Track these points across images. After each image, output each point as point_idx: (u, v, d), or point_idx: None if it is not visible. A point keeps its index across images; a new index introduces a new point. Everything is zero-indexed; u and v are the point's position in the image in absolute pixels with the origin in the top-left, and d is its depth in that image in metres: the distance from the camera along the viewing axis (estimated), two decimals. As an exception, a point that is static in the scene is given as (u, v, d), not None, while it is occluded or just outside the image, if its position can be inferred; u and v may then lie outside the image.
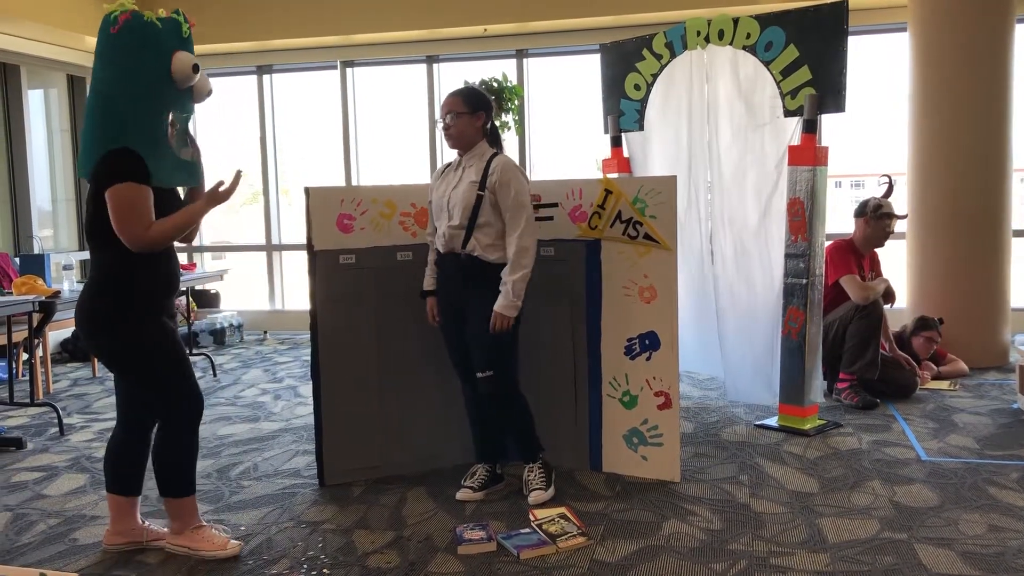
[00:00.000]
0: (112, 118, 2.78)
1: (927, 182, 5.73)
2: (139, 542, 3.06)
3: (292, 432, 4.60)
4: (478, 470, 3.56)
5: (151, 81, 2.79)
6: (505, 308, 3.26)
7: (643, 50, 4.77)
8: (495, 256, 3.33)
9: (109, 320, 2.83)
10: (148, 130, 2.79)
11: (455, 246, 3.35)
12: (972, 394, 5.01)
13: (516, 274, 3.26)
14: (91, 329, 2.88)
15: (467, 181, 3.34)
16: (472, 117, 3.38)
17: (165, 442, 2.97)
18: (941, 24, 5.61)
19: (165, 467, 2.98)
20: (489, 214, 3.31)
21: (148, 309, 2.86)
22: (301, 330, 7.25)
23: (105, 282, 2.84)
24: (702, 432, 4.35)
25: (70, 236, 7.82)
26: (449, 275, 3.43)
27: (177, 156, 2.89)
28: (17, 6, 6.16)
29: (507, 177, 3.30)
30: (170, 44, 2.82)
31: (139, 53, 2.78)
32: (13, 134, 7.10)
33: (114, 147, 2.75)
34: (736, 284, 4.65)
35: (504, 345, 3.36)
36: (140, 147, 2.76)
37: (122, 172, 2.72)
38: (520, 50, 7.44)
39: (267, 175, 8.07)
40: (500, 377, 3.38)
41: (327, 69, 7.91)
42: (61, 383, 6.09)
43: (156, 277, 2.88)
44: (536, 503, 3.37)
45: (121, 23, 2.76)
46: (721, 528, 3.14)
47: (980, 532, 3.04)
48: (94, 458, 4.22)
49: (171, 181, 2.89)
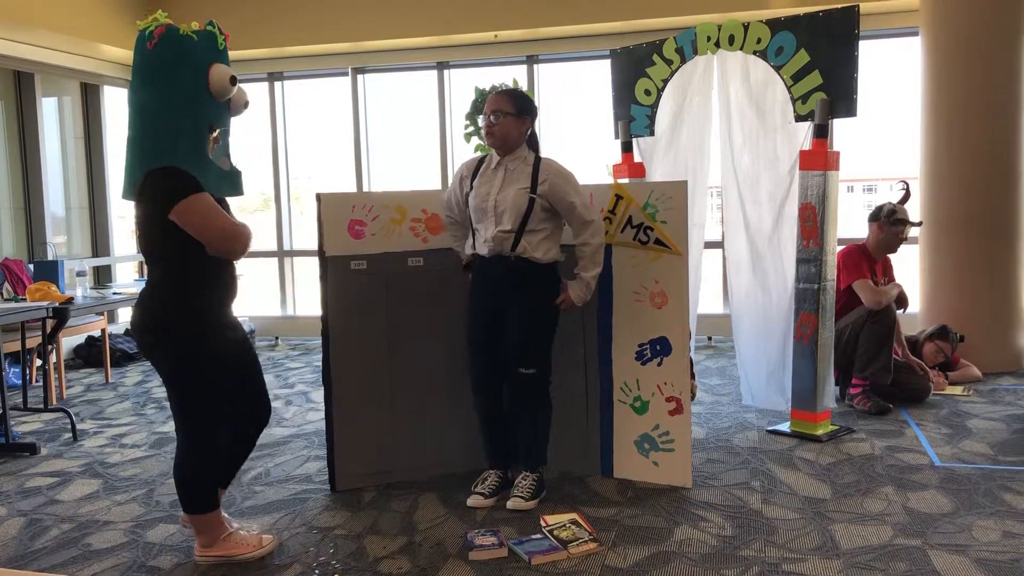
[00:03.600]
0: (155, 133, 2.78)
1: (939, 186, 5.71)
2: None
3: (304, 438, 4.61)
4: (489, 476, 3.57)
5: (191, 95, 2.78)
6: (579, 298, 3.38)
7: (653, 55, 4.77)
8: (545, 256, 3.37)
9: (169, 329, 2.83)
10: (193, 144, 2.79)
11: (503, 249, 3.35)
12: (986, 399, 4.98)
13: (594, 271, 3.38)
14: (150, 338, 2.88)
15: (515, 186, 3.34)
16: (518, 120, 3.38)
17: (189, 458, 2.95)
18: (953, 28, 5.59)
19: (189, 483, 2.96)
20: (540, 218, 3.34)
21: (207, 318, 2.87)
22: (313, 336, 7.27)
23: (167, 293, 2.84)
24: (714, 437, 4.34)
25: (83, 243, 7.86)
26: (492, 277, 3.42)
27: (219, 167, 2.90)
28: (31, 14, 6.21)
29: (564, 183, 3.35)
30: (207, 57, 2.81)
31: (177, 67, 2.77)
32: (27, 141, 7.15)
33: (157, 165, 2.75)
34: (751, 289, 4.64)
35: (548, 344, 3.46)
36: (185, 162, 2.77)
37: (180, 189, 2.73)
38: (531, 56, 7.46)
39: (279, 181, 8.09)
40: (541, 376, 3.46)
41: (338, 76, 7.93)
42: (75, 389, 6.12)
43: (213, 283, 2.89)
44: (513, 508, 3.39)
45: (157, 38, 2.76)
46: (733, 534, 3.13)
47: (994, 539, 3.02)
48: (107, 463, 4.24)
49: (218, 192, 2.90)
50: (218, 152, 2.91)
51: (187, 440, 2.94)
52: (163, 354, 2.88)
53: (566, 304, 3.41)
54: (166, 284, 2.85)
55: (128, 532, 3.34)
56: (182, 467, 2.96)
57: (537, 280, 3.39)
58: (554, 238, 3.42)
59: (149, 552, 3.13)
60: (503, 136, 3.37)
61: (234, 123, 3.02)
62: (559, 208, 3.35)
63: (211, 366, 2.88)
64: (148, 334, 2.88)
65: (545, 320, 3.44)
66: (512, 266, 3.36)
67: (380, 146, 8.05)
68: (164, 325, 2.84)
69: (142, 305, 2.89)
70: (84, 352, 7.02)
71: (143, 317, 2.87)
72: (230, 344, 2.96)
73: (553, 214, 3.38)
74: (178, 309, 2.83)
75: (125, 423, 5.07)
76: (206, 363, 2.87)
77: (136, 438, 4.69)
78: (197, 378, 2.88)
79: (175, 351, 2.85)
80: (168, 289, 2.84)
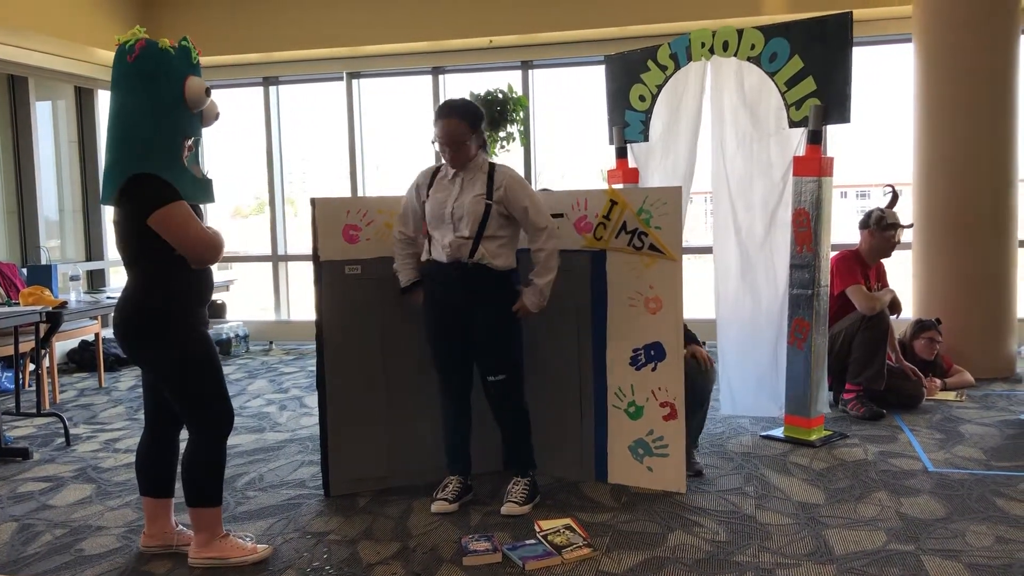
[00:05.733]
0: (132, 143, 2.87)
1: (933, 192, 5.73)
2: (171, 545, 3.13)
3: (297, 443, 4.60)
4: (451, 482, 3.57)
5: (168, 105, 2.88)
6: (534, 305, 3.39)
7: (648, 61, 4.78)
8: (502, 263, 3.39)
9: (149, 332, 2.91)
10: (168, 153, 2.88)
11: (461, 255, 3.36)
12: (979, 405, 4.99)
13: (547, 277, 3.40)
14: (132, 341, 2.95)
15: (472, 193, 3.36)
16: (474, 134, 3.39)
17: (196, 453, 3.00)
18: (946, 35, 5.61)
19: (194, 478, 3.01)
20: (497, 225, 3.35)
21: (186, 319, 2.94)
22: (307, 340, 7.26)
23: (142, 296, 2.92)
24: (708, 443, 4.34)
25: (77, 247, 7.85)
26: (449, 284, 3.42)
27: (194, 175, 2.98)
28: (26, 18, 6.20)
29: (519, 189, 3.38)
30: (182, 70, 2.92)
31: (156, 79, 2.88)
32: (21, 145, 7.14)
33: (136, 172, 2.84)
34: (740, 295, 4.65)
35: (515, 349, 3.47)
36: (162, 170, 2.85)
37: (159, 196, 2.82)
38: (525, 61, 7.47)
39: (273, 186, 8.09)
40: (512, 381, 3.47)
41: (333, 80, 7.94)
42: (68, 393, 6.10)
43: (189, 286, 2.95)
44: (507, 513, 3.40)
45: (138, 51, 2.87)
46: (727, 539, 3.13)
47: (987, 544, 3.03)
48: (100, 468, 4.23)
49: (193, 199, 2.97)
50: (190, 160, 2.99)
51: (198, 433, 3.00)
52: (148, 356, 2.95)
53: (523, 312, 3.42)
54: (142, 288, 2.93)
55: (121, 537, 3.32)
56: (197, 463, 2.99)
57: (494, 287, 3.40)
58: (511, 246, 3.44)
59: (142, 558, 3.12)
60: (464, 157, 3.39)
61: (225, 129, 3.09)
62: (514, 213, 3.37)
63: (197, 361, 2.95)
64: (130, 339, 2.95)
65: (506, 327, 3.45)
66: (469, 272, 3.37)
67: (375, 151, 8.06)
68: (143, 329, 2.92)
69: (121, 310, 2.96)
70: (77, 356, 7.01)
71: (123, 323, 2.95)
72: (209, 347, 3.01)
73: (510, 220, 3.40)
74: (154, 312, 2.90)
75: (118, 428, 5.05)
76: (191, 360, 2.93)
77: (129, 443, 4.67)
78: (190, 374, 2.94)
79: (160, 353, 2.92)
80: (145, 292, 2.92)
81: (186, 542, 3.10)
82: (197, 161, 3.06)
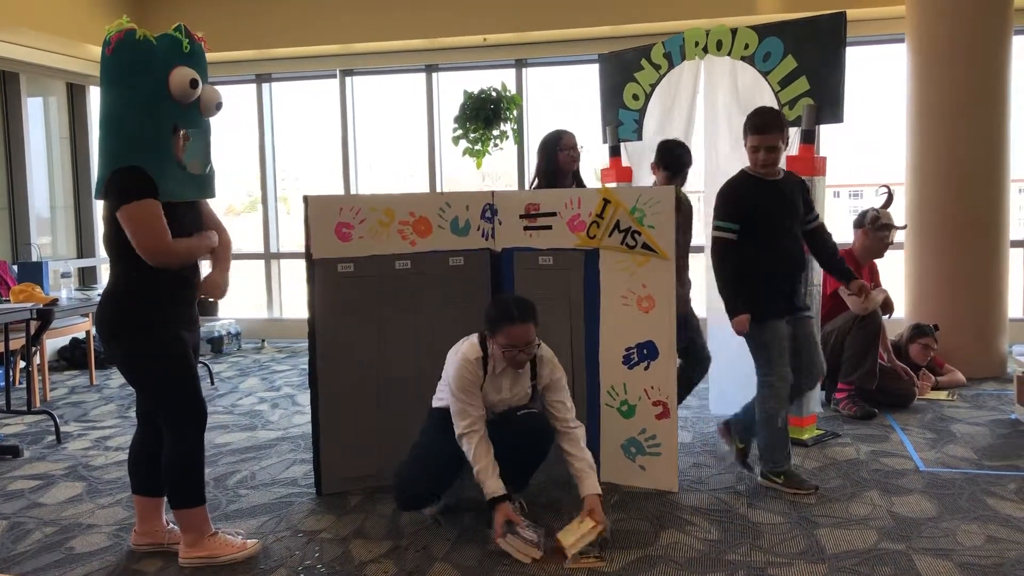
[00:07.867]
0: (118, 137, 2.82)
1: (925, 192, 5.74)
2: (162, 543, 3.12)
3: (290, 441, 4.59)
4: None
5: (150, 98, 2.81)
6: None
7: (641, 60, 4.79)
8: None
9: (123, 327, 2.89)
10: (154, 147, 2.81)
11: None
12: (970, 404, 5.01)
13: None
14: (106, 336, 2.94)
15: (523, 389, 3.33)
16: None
17: (171, 454, 2.98)
18: (939, 35, 5.63)
19: (174, 479, 2.99)
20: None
21: (162, 318, 2.91)
22: (299, 338, 7.25)
23: (121, 292, 2.91)
24: (700, 442, 4.34)
25: (68, 244, 7.82)
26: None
27: (186, 171, 2.91)
28: (17, 14, 6.17)
29: (556, 369, 3.32)
30: (167, 60, 2.82)
31: (133, 71, 2.81)
32: (12, 141, 7.11)
33: (120, 165, 2.80)
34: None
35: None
36: (147, 164, 2.79)
37: (131, 191, 2.76)
38: (519, 60, 7.47)
39: (266, 183, 8.07)
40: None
41: (326, 78, 7.92)
42: (58, 391, 6.08)
43: (169, 285, 2.91)
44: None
45: (114, 44, 2.82)
46: (719, 538, 3.14)
47: (978, 543, 3.04)
48: (91, 466, 4.21)
49: (181, 196, 2.90)
50: (191, 153, 2.92)
51: (171, 432, 2.96)
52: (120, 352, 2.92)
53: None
54: (123, 284, 2.90)
55: (112, 535, 3.31)
56: (174, 464, 2.97)
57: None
58: None
59: (133, 556, 3.11)
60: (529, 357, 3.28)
61: (217, 126, 3.04)
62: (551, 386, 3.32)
63: (172, 358, 2.92)
64: (105, 335, 2.93)
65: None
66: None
67: (368, 149, 8.04)
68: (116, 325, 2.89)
69: (99, 305, 2.95)
70: (68, 354, 6.98)
71: (99, 319, 2.94)
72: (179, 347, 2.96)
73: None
74: (129, 309, 2.89)
75: (109, 425, 5.03)
76: (166, 358, 2.91)
77: (120, 441, 4.65)
78: (156, 372, 2.92)
79: (130, 349, 2.90)
80: (123, 289, 2.90)
81: (177, 540, 3.09)
82: (200, 154, 2.97)
